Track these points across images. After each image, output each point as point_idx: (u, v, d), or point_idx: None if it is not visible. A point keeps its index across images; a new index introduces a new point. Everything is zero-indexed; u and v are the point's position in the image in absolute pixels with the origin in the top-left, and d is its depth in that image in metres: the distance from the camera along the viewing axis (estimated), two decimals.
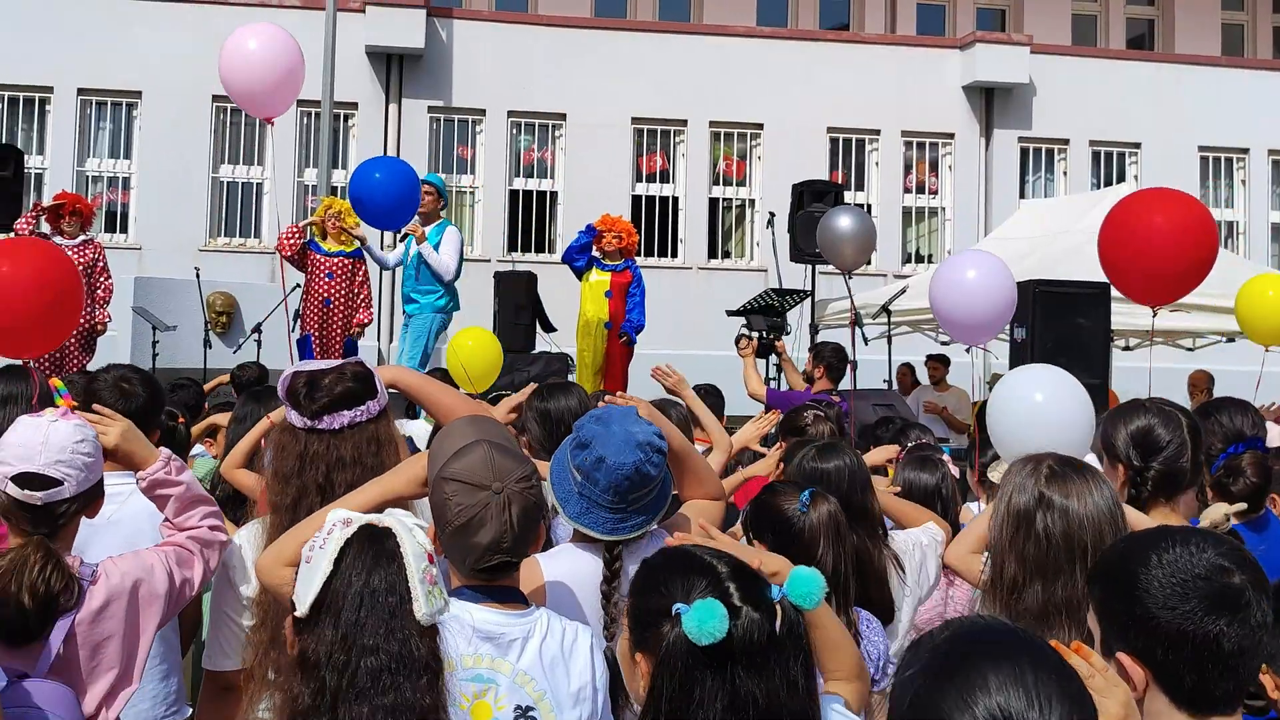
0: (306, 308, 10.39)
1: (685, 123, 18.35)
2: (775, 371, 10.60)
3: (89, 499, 2.80)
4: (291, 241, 9.88)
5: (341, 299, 10.31)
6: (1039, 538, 2.65)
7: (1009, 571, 2.66)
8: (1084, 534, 2.62)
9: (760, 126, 18.52)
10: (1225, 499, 3.35)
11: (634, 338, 10.34)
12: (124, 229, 17.32)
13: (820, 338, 11.47)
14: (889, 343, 11.80)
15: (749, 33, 18.83)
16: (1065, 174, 19.33)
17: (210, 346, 11.62)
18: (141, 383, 3.74)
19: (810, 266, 12.81)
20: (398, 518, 2.09)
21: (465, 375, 6.62)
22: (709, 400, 6.88)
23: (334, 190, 15.77)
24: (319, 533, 2.04)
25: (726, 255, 18.82)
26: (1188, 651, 1.86)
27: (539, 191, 18.29)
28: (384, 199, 7.28)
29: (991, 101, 18.99)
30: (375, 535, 2.04)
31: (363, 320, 10.16)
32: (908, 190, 19.09)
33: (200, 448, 6.00)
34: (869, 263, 18.18)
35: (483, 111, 17.95)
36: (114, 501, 3.00)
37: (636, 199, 18.20)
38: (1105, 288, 8.23)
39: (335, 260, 10.09)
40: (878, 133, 18.80)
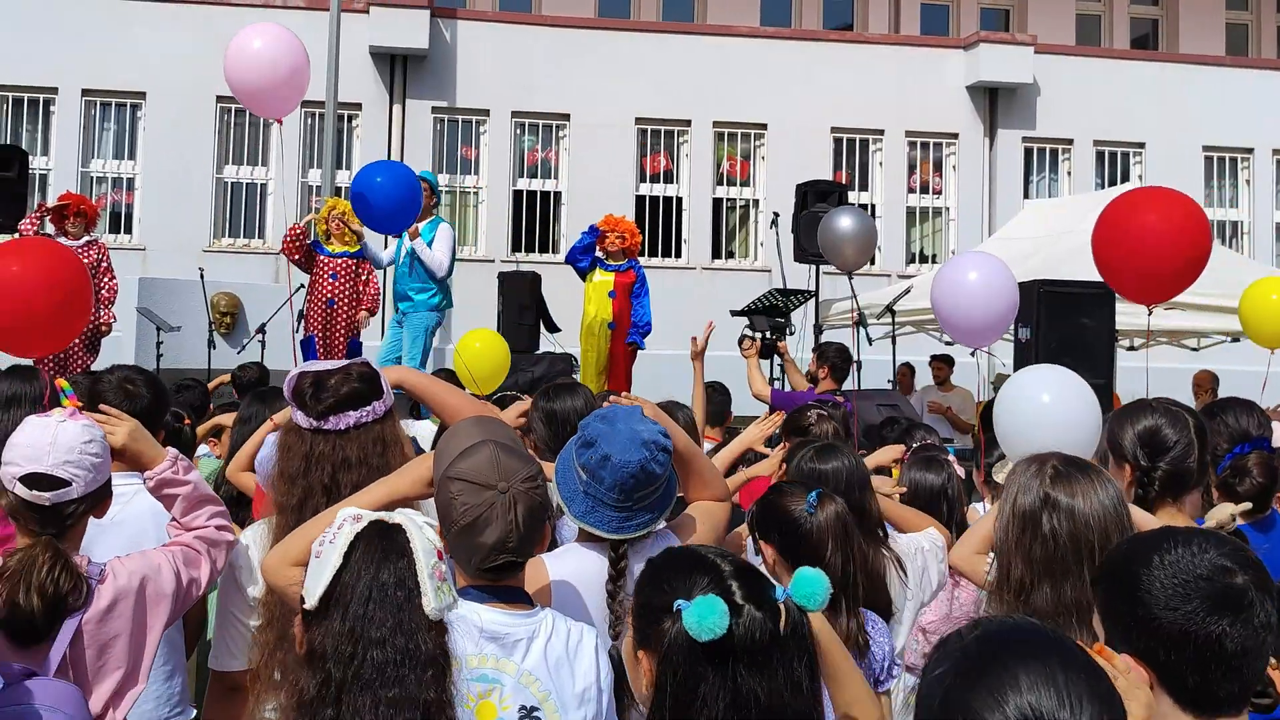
0: (310, 308, 10.39)
1: (689, 123, 18.35)
2: (779, 372, 10.59)
3: (97, 499, 2.80)
4: (296, 244, 9.90)
5: (345, 300, 10.32)
6: (1045, 539, 2.63)
7: (1016, 573, 2.64)
8: (1090, 534, 2.60)
9: (764, 126, 18.51)
10: (1231, 499, 3.34)
11: (641, 343, 10.34)
12: (128, 230, 17.33)
13: (824, 338, 11.48)
14: (893, 343, 11.80)
15: (752, 33, 18.82)
16: (1069, 174, 19.32)
17: (214, 347, 11.64)
18: (146, 384, 3.74)
19: (814, 267, 12.80)
20: (407, 515, 2.10)
21: (470, 377, 6.62)
22: (717, 398, 6.90)
23: (338, 191, 15.78)
24: (329, 528, 2.05)
25: (730, 255, 18.81)
26: (1190, 652, 1.85)
27: (542, 192, 18.28)
28: (386, 203, 7.27)
29: (995, 101, 18.97)
30: (385, 531, 2.04)
31: (368, 305, 10.13)
32: (911, 190, 19.07)
33: (204, 448, 6.01)
34: (872, 263, 18.27)
35: (486, 112, 17.95)
36: (118, 502, 3.00)
37: (640, 199, 18.19)
38: (1110, 288, 8.22)
39: (339, 261, 10.10)
40: (881, 133, 18.79)
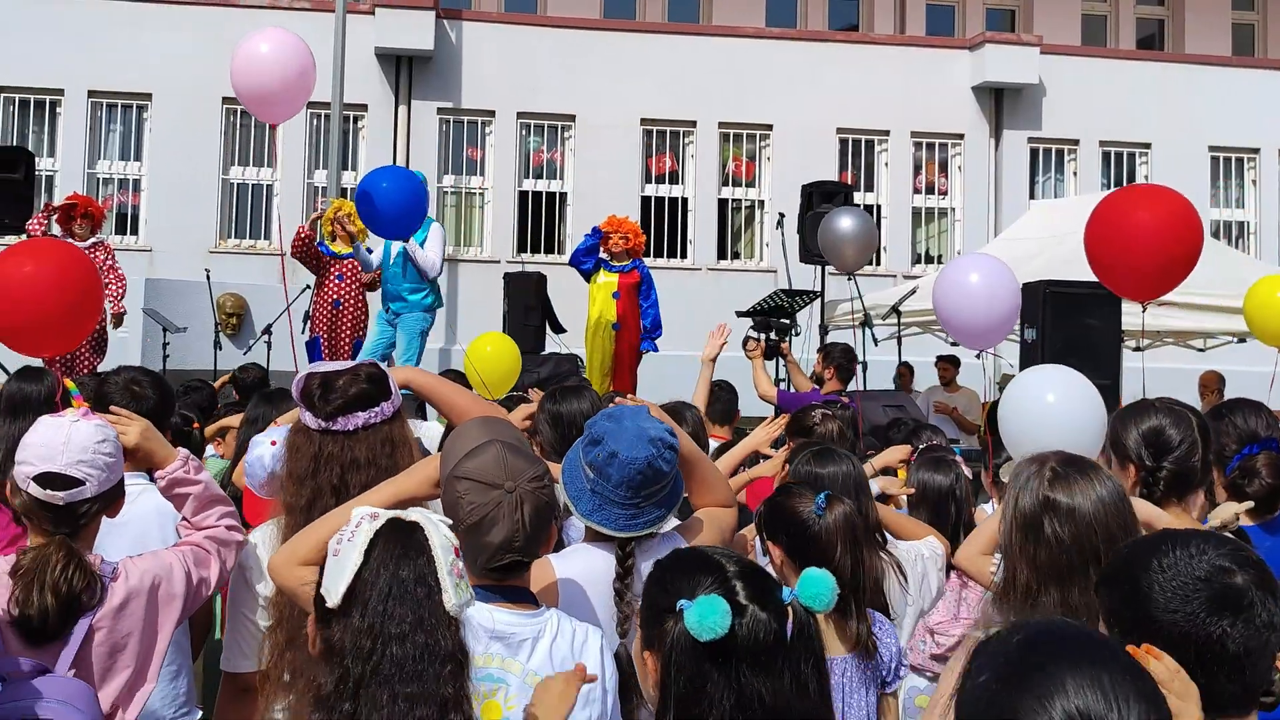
0: (316, 309, 10.40)
1: (694, 124, 18.34)
2: (783, 373, 10.58)
3: (110, 499, 2.81)
4: (304, 247, 9.92)
5: (351, 301, 10.34)
6: (1049, 543, 2.59)
7: (1022, 578, 2.60)
8: (1094, 536, 2.56)
9: (769, 127, 18.51)
10: (1241, 500, 3.34)
11: (655, 347, 10.34)
12: (134, 231, 17.35)
13: (829, 339, 11.47)
14: (899, 344, 11.79)
15: (758, 33, 18.81)
16: (1075, 174, 19.29)
17: (220, 348, 11.65)
18: (152, 385, 3.75)
19: (820, 267, 12.80)
20: (423, 513, 2.10)
21: (481, 381, 6.61)
22: (725, 396, 6.89)
23: (343, 192, 15.79)
24: (345, 527, 2.05)
25: (736, 256, 18.80)
26: (1193, 655, 1.84)
27: (548, 192, 18.28)
28: (390, 208, 7.28)
29: (1001, 102, 18.95)
30: (403, 528, 2.05)
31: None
32: (917, 191, 19.06)
33: (210, 448, 6.02)
34: (878, 263, 18.27)
35: (492, 113, 17.96)
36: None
37: (645, 200, 18.19)
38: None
39: (345, 262, 10.12)
40: (887, 133, 18.77)
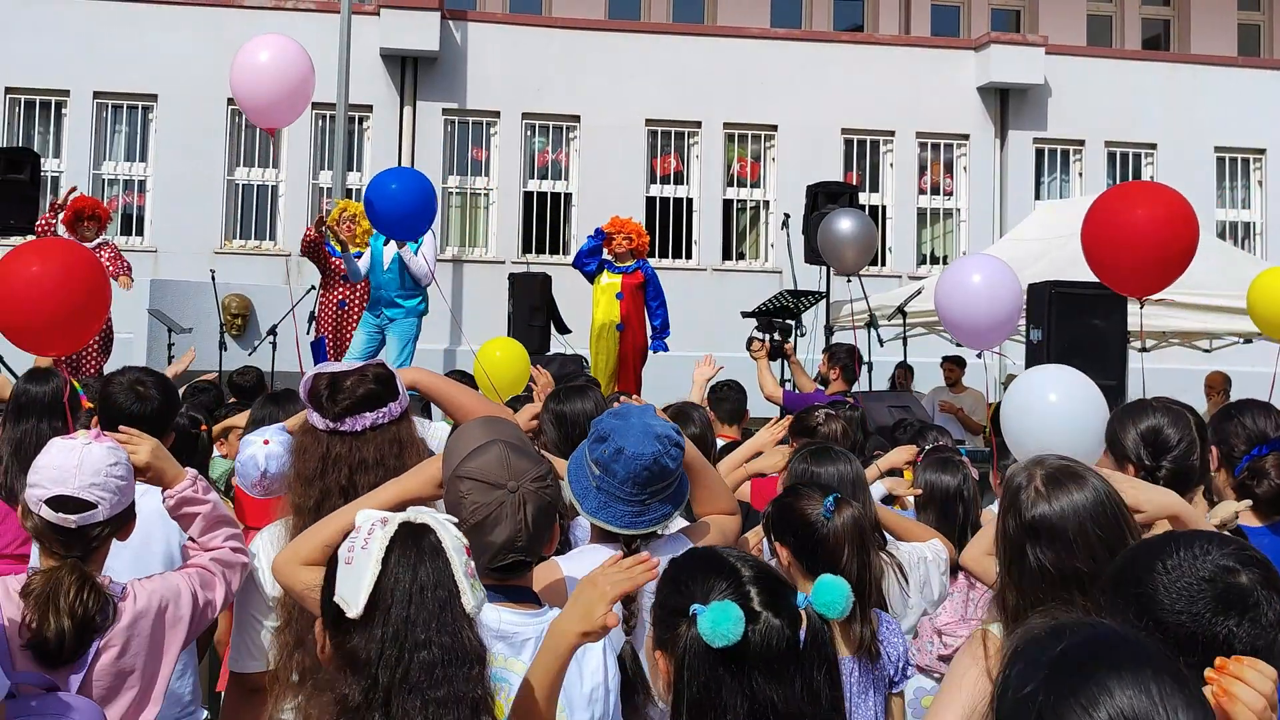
0: (322, 310, 10.42)
1: (699, 124, 18.33)
2: (786, 374, 10.59)
3: (121, 521, 2.80)
4: (311, 249, 9.94)
5: (357, 302, 10.37)
6: (1033, 572, 2.50)
7: (1011, 601, 2.54)
8: (1076, 560, 2.46)
9: (774, 128, 18.49)
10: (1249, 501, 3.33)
11: (665, 346, 10.35)
12: (139, 232, 17.37)
13: (835, 339, 11.46)
14: (904, 344, 11.77)
15: (763, 34, 18.80)
16: (1081, 175, 19.26)
17: (226, 349, 11.64)
18: (156, 385, 3.75)
19: (825, 268, 12.79)
20: (430, 514, 2.08)
21: (491, 385, 6.61)
22: (733, 396, 6.89)
23: (349, 193, 15.81)
24: (355, 534, 2.02)
25: (741, 257, 18.79)
26: (1200, 656, 1.81)
27: (553, 193, 18.28)
28: (398, 209, 7.29)
29: (1006, 102, 18.93)
30: (416, 531, 2.03)
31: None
32: (922, 191, 19.04)
33: (214, 449, 6.01)
34: (883, 263, 18.26)
35: (497, 114, 17.96)
36: None
37: (650, 200, 18.18)
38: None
39: None
40: (892, 134, 18.76)
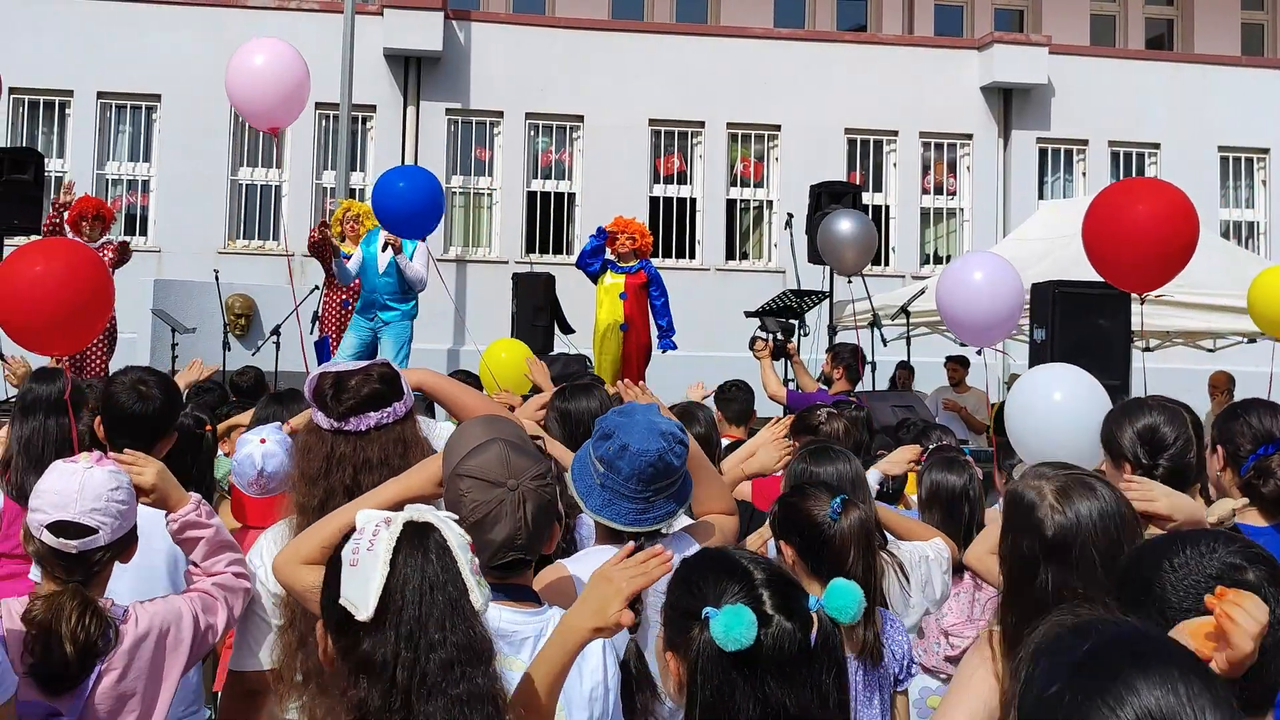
0: (326, 310, 10.42)
1: (703, 124, 18.33)
2: (789, 374, 10.59)
3: (123, 545, 2.79)
4: (318, 249, 9.96)
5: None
6: (1041, 593, 2.45)
7: (1012, 618, 2.48)
8: (1089, 575, 2.40)
9: (778, 128, 18.49)
10: (1256, 501, 3.33)
11: (673, 344, 10.36)
12: (143, 232, 17.38)
13: (838, 339, 11.46)
14: (908, 344, 11.77)
15: (766, 34, 18.79)
16: (1084, 175, 19.24)
17: (229, 349, 11.65)
18: (158, 385, 3.74)
19: (828, 268, 12.78)
20: (431, 511, 2.06)
21: (495, 385, 6.62)
22: (740, 397, 6.88)
23: (352, 193, 15.82)
24: (358, 536, 2.00)
25: (744, 257, 18.78)
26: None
27: (556, 193, 18.29)
28: (406, 206, 7.30)
29: (1010, 102, 18.91)
30: (421, 530, 2.01)
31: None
32: (926, 191, 19.03)
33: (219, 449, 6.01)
34: (886, 263, 18.25)
35: (500, 114, 17.96)
36: None
37: (654, 200, 18.18)
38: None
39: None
40: (895, 134, 18.75)
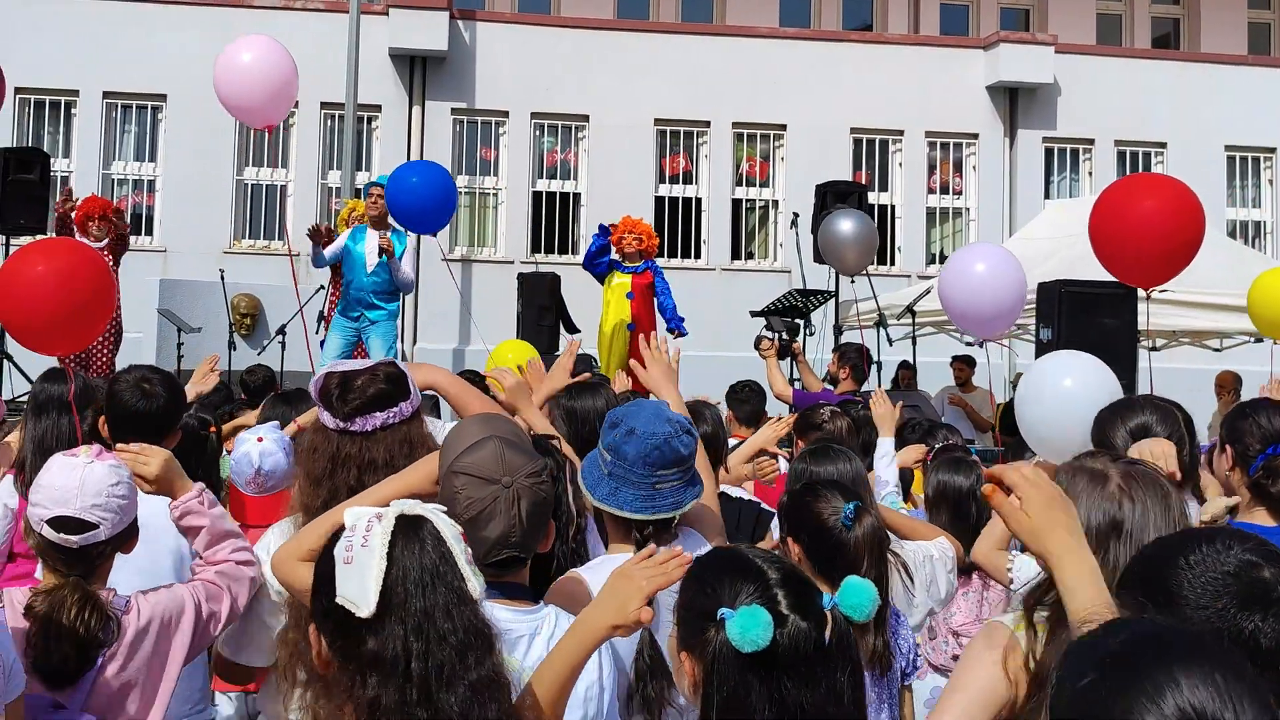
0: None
1: (708, 124, 18.32)
2: (794, 373, 10.59)
3: (124, 539, 2.80)
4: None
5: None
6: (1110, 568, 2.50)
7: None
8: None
9: (783, 127, 18.48)
10: (1265, 501, 3.32)
11: (684, 330, 10.40)
12: (149, 231, 17.40)
13: (844, 339, 11.46)
14: (913, 343, 11.76)
15: (772, 33, 18.78)
16: (1090, 174, 19.21)
17: (235, 348, 11.67)
18: (162, 383, 3.75)
19: (834, 267, 12.77)
20: (420, 504, 2.05)
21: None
22: (753, 399, 6.87)
23: (357, 193, 15.80)
24: (350, 533, 1.98)
25: (749, 256, 18.77)
26: None
27: (562, 193, 18.29)
28: (419, 201, 7.32)
29: (1016, 101, 18.89)
30: (414, 523, 2.00)
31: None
32: (931, 191, 19.00)
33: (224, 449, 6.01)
34: (892, 263, 18.24)
35: (505, 113, 17.96)
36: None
37: (659, 200, 18.17)
38: (1132, 288, 8.17)
39: None
40: (901, 133, 18.73)
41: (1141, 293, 6.54)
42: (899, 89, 18.37)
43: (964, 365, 12.49)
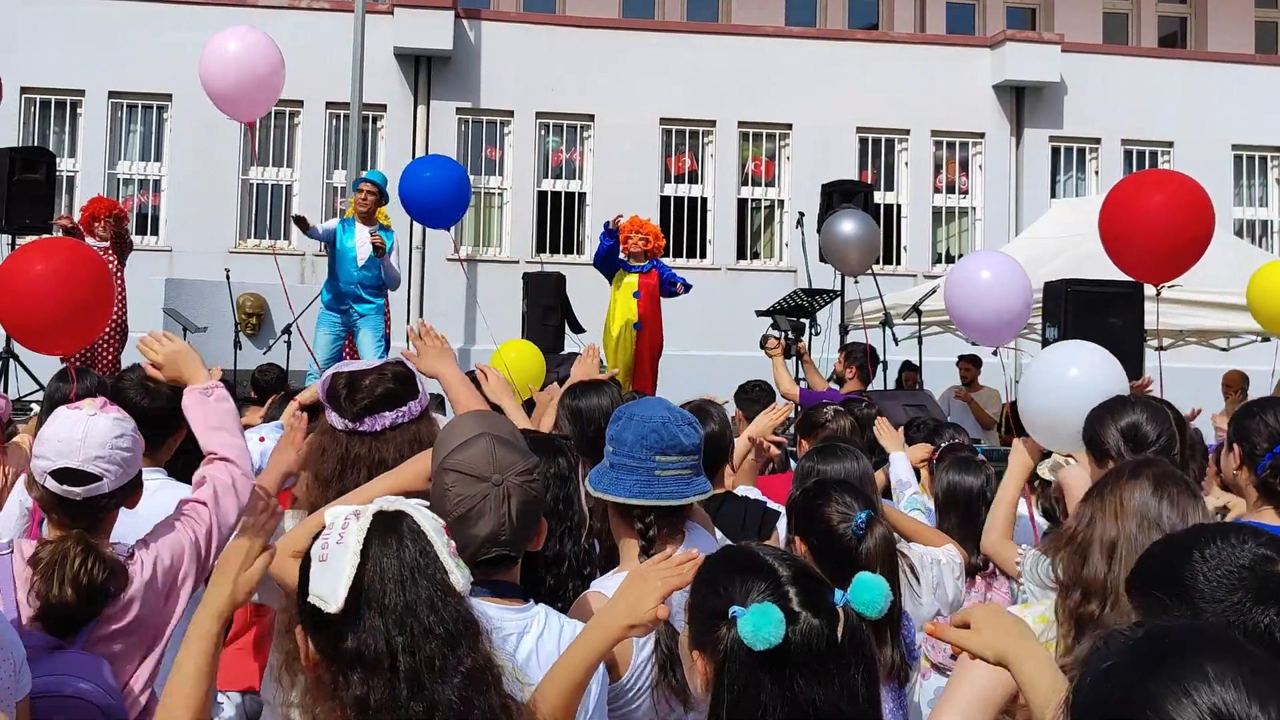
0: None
1: (714, 123, 18.31)
2: (799, 372, 10.58)
3: (128, 492, 2.81)
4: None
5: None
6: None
7: (1092, 606, 2.49)
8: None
9: (789, 126, 18.46)
10: (1272, 500, 3.31)
11: (687, 282, 10.61)
12: (154, 231, 17.42)
13: (849, 338, 11.44)
14: (919, 343, 11.74)
15: (777, 32, 18.77)
16: (1097, 173, 19.18)
17: (240, 348, 11.68)
18: (166, 381, 3.75)
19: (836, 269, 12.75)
20: (402, 500, 2.03)
21: (511, 377, 6.64)
22: (763, 398, 6.84)
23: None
24: (328, 531, 1.96)
25: (755, 256, 18.76)
26: None
27: (567, 192, 18.28)
28: (433, 198, 7.32)
29: (1022, 100, 18.86)
30: (391, 519, 1.97)
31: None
32: (938, 190, 18.98)
33: None
34: (898, 262, 18.23)
35: (510, 113, 17.96)
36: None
37: (665, 200, 18.16)
38: (1139, 287, 8.15)
39: None
40: (907, 132, 18.71)
41: (1151, 290, 6.52)
42: (905, 88, 18.35)
43: (970, 365, 12.50)
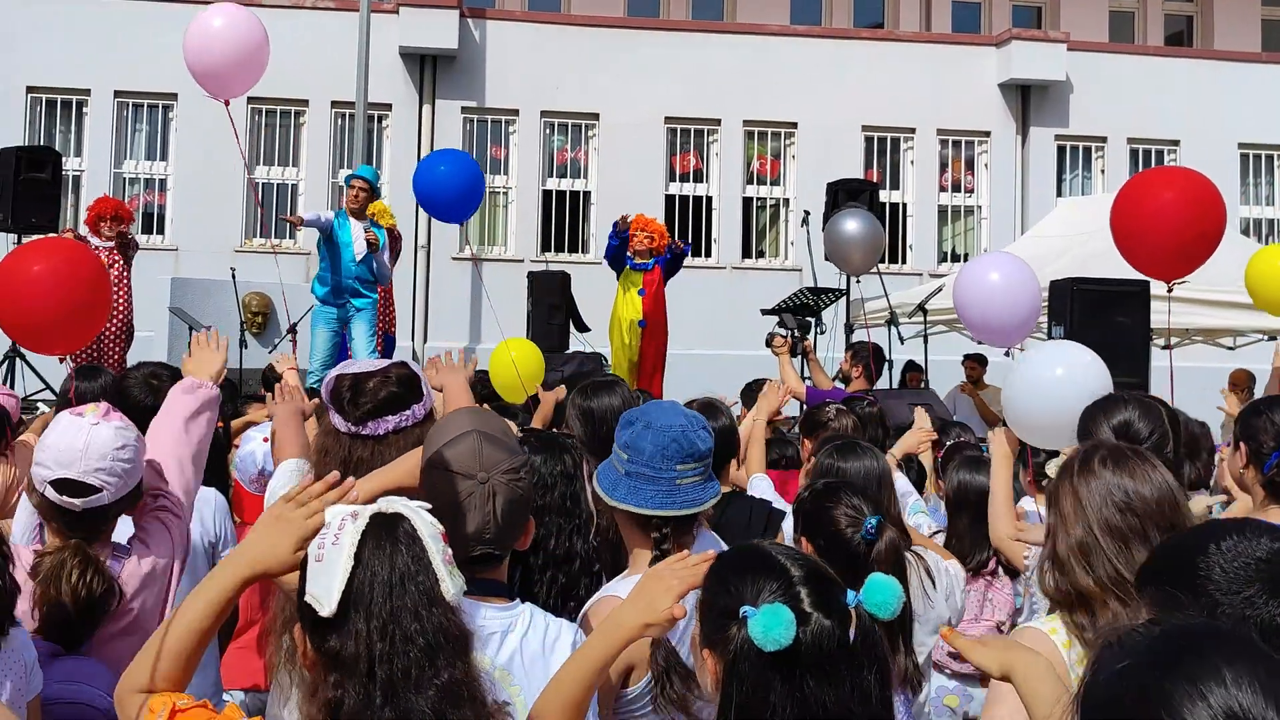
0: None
1: (719, 122, 18.30)
2: (804, 371, 10.57)
3: (129, 501, 2.80)
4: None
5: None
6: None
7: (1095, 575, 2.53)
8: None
9: (794, 125, 18.44)
10: (1278, 499, 3.31)
11: (685, 247, 10.75)
12: (160, 230, 17.43)
13: (855, 337, 11.43)
14: (925, 342, 11.73)
15: (783, 31, 18.75)
16: (1103, 172, 19.15)
17: (246, 347, 11.67)
18: (170, 379, 3.76)
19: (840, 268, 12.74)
20: (403, 501, 2.02)
21: (519, 378, 6.63)
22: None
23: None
24: (325, 530, 1.95)
25: (760, 255, 18.75)
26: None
27: (572, 191, 18.28)
28: (446, 193, 7.32)
29: (1028, 99, 18.83)
30: (388, 522, 1.96)
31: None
32: (943, 189, 18.96)
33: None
34: (904, 261, 18.21)
35: (516, 112, 17.96)
36: None
37: (670, 198, 18.15)
38: (1145, 285, 8.13)
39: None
40: (913, 131, 18.68)
41: (1159, 288, 6.51)
42: (910, 87, 18.32)
43: (976, 363, 12.49)
